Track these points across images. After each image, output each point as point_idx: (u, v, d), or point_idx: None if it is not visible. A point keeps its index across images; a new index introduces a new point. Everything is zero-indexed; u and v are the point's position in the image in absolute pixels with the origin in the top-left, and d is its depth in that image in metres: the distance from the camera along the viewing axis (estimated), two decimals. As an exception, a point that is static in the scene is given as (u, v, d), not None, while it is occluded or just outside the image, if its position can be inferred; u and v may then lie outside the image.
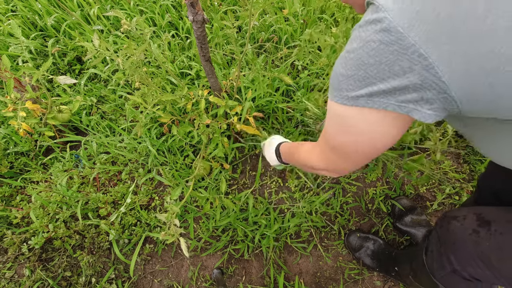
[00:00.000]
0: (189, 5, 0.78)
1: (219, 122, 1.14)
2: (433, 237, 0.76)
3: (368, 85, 0.43)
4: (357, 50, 0.42)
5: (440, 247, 0.71)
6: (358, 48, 0.42)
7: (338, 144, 0.55)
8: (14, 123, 1.14)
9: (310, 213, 1.23)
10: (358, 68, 0.43)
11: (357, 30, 0.43)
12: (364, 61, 0.41)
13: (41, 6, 1.76)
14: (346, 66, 0.44)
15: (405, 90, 0.40)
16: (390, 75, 0.40)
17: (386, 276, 1.13)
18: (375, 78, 0.41)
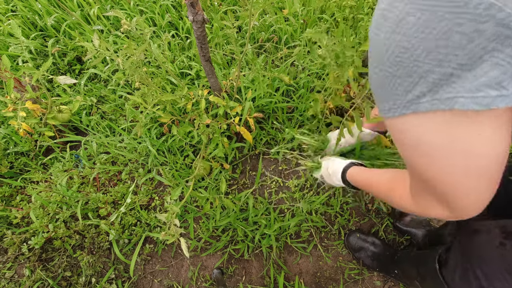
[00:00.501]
0: (189, 5, 0.78)
1: (219, 122, 1.14)
2: (454, 251, 0.73)
3: (421, 79, 0.31)
4: (389, 38, 0.31)
5: (464, 262, 0.66)
6: (390, 34, 0.31)
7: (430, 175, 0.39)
8: (14, 123, 1.14)
9: (310, 213, 1.23)
10: (399, 62, 0.31)
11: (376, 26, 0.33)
12: (404, 45, 0.30)
13: (41, 6, 1.76)
14: (383, 68, 0.34)
15: (478, 70, 0.28)
16: (449, 51, 0.28)
17: (386, 276, 1.13)
18: (428, 63, 0.30)
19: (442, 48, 0.28)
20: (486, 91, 0.29)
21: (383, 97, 0.36)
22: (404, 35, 0.30)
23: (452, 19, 0.27)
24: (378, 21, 0.32)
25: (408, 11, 0.29)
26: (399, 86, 0.33)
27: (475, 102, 0.29)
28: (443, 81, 0.30)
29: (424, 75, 0.30)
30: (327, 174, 0.92)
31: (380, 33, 0.32)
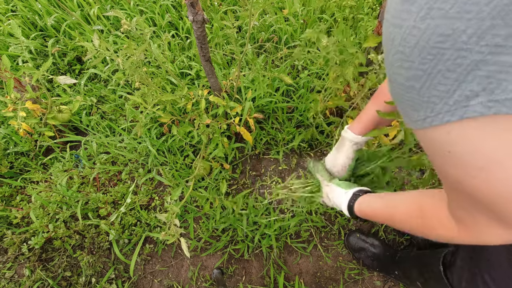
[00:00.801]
0: (189, 5, 0.78)
1: (219, 122, 1.14)
2: (462, 254, 0.72)
3: (470, 74, 0.23)
4: (420, 26, 0.24)
5: (472, 266, 0.64)
6: (419, 22, 0.24)
7: (488, 193, 0.30)
8: (14, 123, 1.14)
9: (310, 213, 1.23)
10: (437, 55, 0.24)
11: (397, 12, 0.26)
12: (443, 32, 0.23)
13: (41, 6, 1.76)
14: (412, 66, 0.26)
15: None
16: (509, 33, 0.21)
17: (386, 276, 1.13)
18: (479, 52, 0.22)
19: (500, 28, 0.21)
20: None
21: (414, 104, 0.28)
22: (442, 18, 0.22)
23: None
24: (400, 8, 0.25)
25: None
26: (438, 86, 0.25)
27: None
28: (503, 75, 0.22)
29: (474, 68, 0.23)
30: (330, 204, 0.80)
31: (404, 22, 0.25)
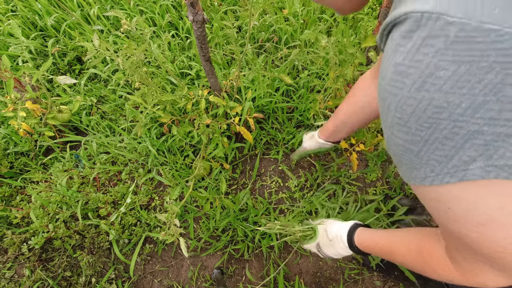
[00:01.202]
0: (189, 5, 0.78)
1: (219, 122, 1.14)
2: None
3: (467, 142, 0.25)
4: (416, 97, 0.25)
5: None
6: (415, 92, 0.25)
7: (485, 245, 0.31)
8: (14, 123, 1.14)
9: (310, 213, 1.23)
10: (433, 124, 0.25)
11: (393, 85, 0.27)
12: (438, 104, 0.24)
13: (41, 6, 1.76)
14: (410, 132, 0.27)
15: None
16: (503, 106, 0.22)
17: (386, 276, 1.13)
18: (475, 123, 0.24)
19: (493, 104, 0.22)
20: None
21: (414, 164, 0.29)
22: (437, 92, 0.24)
23: (503, 70, 0.21)
24: (395, 78, 0.26)
25: (438, 64, 0.23)
26: (436, 151, 0.26)
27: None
28: (498, 143, 0.24)
29: (471, 137, 0.24)
30: (327, 241, 0.76)
31: (399, 92, 0.26)
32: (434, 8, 0.23)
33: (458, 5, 0.22)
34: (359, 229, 0.69)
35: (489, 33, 0.21)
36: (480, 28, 0.21)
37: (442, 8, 0.22)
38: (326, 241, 0.76)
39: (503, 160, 0.24)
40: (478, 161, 0.25)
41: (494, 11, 0.21)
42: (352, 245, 0.69)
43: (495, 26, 0.21)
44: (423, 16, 0.23)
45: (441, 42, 0.23)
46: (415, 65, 0.25)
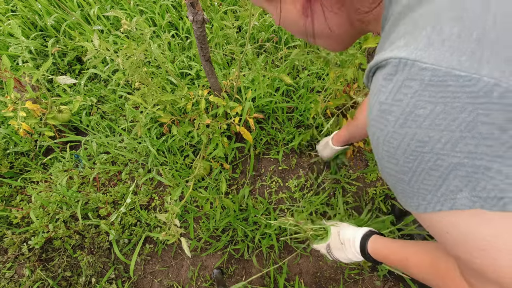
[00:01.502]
0: (189, 5, 0.78)
1: (219, 122, 1.14)
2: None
3: (451, 173, 0.27)
4: (399, 132, 0.28)
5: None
6: (398, 128, 0.28)
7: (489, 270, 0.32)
8: (14, 123, 1.14)
9: (310, 213, 1.23)
10: (418, 156, 0.27)
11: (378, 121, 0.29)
12: (421, 139, 0.27)
13: (41, 6, 1.76)
14: (398, 163, 0.29)
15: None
16: (479, 142, 0.24)
17: (386, 276, 1.13)
18: (455, 156, 0.26)
19: (469, 139, 0.25)
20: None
21: (407, 193, 0.31)
22: (418, 128, 0.26)
23: (474, 110, 0.24)
24: (380, 115, 0.29)
25: (416, 104, 0.26)
26: (425, 181, 0.28)
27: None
28: (478, 175, 0.26)
29: (454, 169, 0.26)
30: (338, 244, 0.76)
31: (385, 128, 0.29)
32: (409, 56, 0.26)
33: (429, 53, 0.25)
34: (373, 237, 0.68)
35: (458, 78, 0.24)
36: (450, 73, 0.24)
37: (416, 56, 0.25)
38: (338, 244, 0.76)
39: (485, 192, 0.26)
40: (464, 191, 0.27)
41: (461, 58, 0.24)
42: (364, 252, 0.69)
43: (464, 72, 0.23)
44: (400, 61, 0.26)
45: (417, 85, 0.25)
46: (397, 103, 0.27)
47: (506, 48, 0.23)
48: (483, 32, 0.23)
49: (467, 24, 0.24)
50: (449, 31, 0.24)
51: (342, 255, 0.75)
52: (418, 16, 0.27)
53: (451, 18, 0.25)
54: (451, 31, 0.24)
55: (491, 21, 0.23)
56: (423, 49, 0.25)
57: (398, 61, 0.26)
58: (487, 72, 0.23)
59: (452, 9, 0.25)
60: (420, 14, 0.27)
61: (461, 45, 0.24)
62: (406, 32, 0.27)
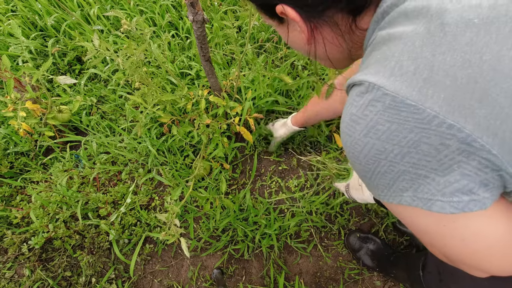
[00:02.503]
0: (189, 5, 0.78)
1: (219, 122, 1.14)
2: (431, 259, 0.72)
3: (400, 177, 0.34)
4: (363, 140, 0.34)
5: (439, 274, 0.67)
6: (362, 137, 0.34)
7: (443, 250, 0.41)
8: (14, 123, 1.14)
9: (310, 213, 1.23)
10: (376, 161, 0.34)
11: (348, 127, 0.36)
12: (378, 149, 0.33)
13: (41, 6, 1.76)
14: (361, 164, 0.36)
15: (449, 177, 0.31)
16: (421, 157, 0.31)
17: (386, 276, 1.13)
18: (403, 165, 0.33)
19: (414, 154, 0.31)
20: (460, 197, 0.32)
21: (371, 186, 0.38)
22: (377, 140, 0.33)
23: (420, 132, 0.30)
24: (350, 124, 0.35)
25: (378, 121, 0.32)
26: (381, 180, 0.36)
27: (452, 206, 0.32)
28: (420, 181, 0.33)
29: (402, 174, 0.33)
30: (356, 184, 0.85)
31: (352, 134, 0.35)
32: (377, 82, 0.32)
33: (391, 82, 0.31)
34: None
35: (409, 106, 0.30)
36: (404, 102, 0.30)
37: (382, 83, 0.32)
38: (356, 185, 0.87)
39: (422, 194, 0.33)
40: (409, 191, 0.34)
41: (413, 92, 0.30)
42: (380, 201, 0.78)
43: (413, 102, 0.30)
44: (370, 85, 0.33)
45: (380, 105, 0.32)
46: (363, 117, 0.33)
47: (444, 90, 0.29)
48: (430, 74, 0.30)
49: (420, 65, 0.30)
50: (407, 68, 0.31)
51: (359, 195, 0.86)
52: (387, 49, 0.34)
53: (410, 57, 0.31)
54: (408, 68, 0.31)
55: (437, 67, 0.30)
56: (387, 78, 0.32)
57: (368, 84, 0.33)
58: (429, 105, 0.29)
59: (411, 50, 0.31)
60: (389, 48, 0.33)
61: (413, 81, 0.30)
62: (378, 60, 0.34)
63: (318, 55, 0.48)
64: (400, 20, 0.34)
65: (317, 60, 0.50)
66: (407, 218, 0.39)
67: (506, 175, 0.31)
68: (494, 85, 0.28)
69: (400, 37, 0.33)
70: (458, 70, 0.29)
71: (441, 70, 0.29)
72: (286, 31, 0.46)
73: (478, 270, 0.40)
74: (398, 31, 0.33)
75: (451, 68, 0.29)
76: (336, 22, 0.41)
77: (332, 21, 0.41)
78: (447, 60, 0.29)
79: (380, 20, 0.37)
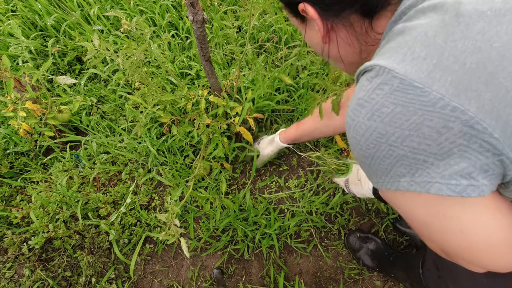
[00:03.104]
0: (189, 5, 0.78)
1: (219, 122, 1.14)
2: (429, 256, 0.73)
3: (398, 162, 0.34)
4: (366, 123, 0.35)
5: (437, 271, 0.68)
6: (366, 120, 0.35)
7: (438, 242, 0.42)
8: (14, 123, 1.14)
9: (310, 213, 1.23)
10: (376, 145, 0.35)
11: (354, 111, 0.36)
12: (380, 132, 0.34)
13: (41, 6, 1.76)
14: (362, 148, 0.37)
15: (449, 159, 0.31)
16: (421, 141, 0.32)
17: (386, 276, 1.13)
18: (402, 149, 0.33)
19: (414, 137, 0.32)
20: (458, 180, 0.32)
21: (370, 172, 0.39)
22: (380, 122, 0.34)
23: (423, 115, 0.31)
24: (356, 108, 0.36)
25: (383, 103, 0.33)
26: (380, 165, 0.36)
27: (449, 189, 0.33)
28: (419, 165, 0.33)
29: (400, 159, 0.34)
30: (355, 179, 0.87)
31: (356, 118, 0.36)
32: (387, 65, 0.33)
33: (401, 66, 0.32)
34: None
35: (416, 89, 0.31)
36: (412, 84, 0.31)
37: (393, 66, 0.33)
38: (355, 180, 0.88)
39: (420, 178, 0.34)
40: (406, 176, 0.35)
41: (421, 74, 0.31)
42: (375, 191, 0.79)
43: (420, 85, 0.31)
44: (381, 68, 0.34)
45: (388, 88, 0.33)
46: (370, 100, 0.34)
47: (452, 74, 0.30)
48: (440, 60, 0.31)
49: (431, 51, 0.31)
50: (418, 53, 0.32)
51: (358, 190, 0.87)
52: (402, 39, 0.35)
53: (422, 44, 0.32)
54: (420, 54, 0.32)
55: (447, 53, 0.30)
56: (398, 62, 0.33)
57: (379, 68, 0.34)
58: (436, 88, 0.30)
59: (424, 39, 0.32)
60: (404, 38, 0.35)
61: (423, 65, 0.31)
62: (391, 48, 0.35)
63: (331, 55, 0.50)
64: (417, 16, 0.35)
65: (330, 60, 0.52)
66: (404, 208, 0.39)
67: (507, 160, 0.31)
68: (502, 70, 0.29)
69: (414, 27, 0.34)
70: (468, 55, 0.29)
71: (452, 56, 0.30)
72: (305, 28, 0.48)
73: (476, 265, 0.40)
74: (413, 23, 0.34)
75: (462, 54, 0.30)
76: (352, 24, 0.43)
77: (348, 22, 0.43)
78: (458, 47, 0.30)
79: (398, 20, 0.38)
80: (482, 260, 0.39)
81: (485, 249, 0.37)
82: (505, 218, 0.36)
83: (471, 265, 0.41)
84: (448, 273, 0.64)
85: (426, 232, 0.41)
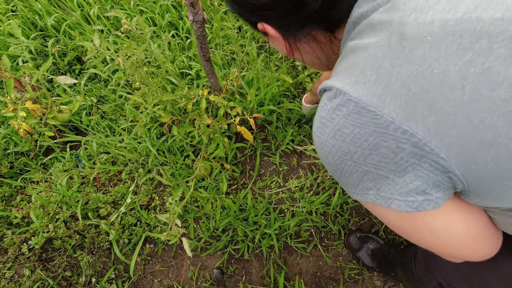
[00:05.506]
0: (189, 5, 0.78)
1: (219, 122, 1.14)
2: (420, 250, 0.75)
3: (364, 176, 0.37)
4: (330, 142, 0.37)
5: (425, 261, 0.70)
6: (330, 139, 0.37)
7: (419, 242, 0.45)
8: (14, 123, 1.14)
9: (310, 213, 1.23)
10: (343, 161, 0.37)
11: (318, 129, 0.38)
12: (344, 150, 0.36)
13: (41, 6, 1.76)
14: (330, 164, 0.39)
15: (406, 177, 0.34)
16: (380, 159, 0.34)
17: (386, 276, 1.13)
18: (366, 165, 0.36)
19: (374, 156, 0.34)
20: (415, 196, 0.35)
21: (342, 183, 0.41)
22: (343, 142, 0.36)
23: (378, 136, 0.33)
24: (319, 126, 0.38)
25: (343, 124, 0.35)
26: (349, 178, 0.39)
27: (407, 205, 0.36)
28: (382, 181, 0.36)
29: (365, 174, 0.36)
30: None
31: (322, 136, 0.38)
32: (343, 88, 0.35)
33: (354, 89, 0.34)
34: None
35: (370, 112, 0.33)
36: (365, 108, 0.33)
37: (347, 89, 0.34)
38: None
39: (383, 193, 0.37)
40: (373, 190, 0.38)
41: (373, 98, 0.33)
42: None
43: (373, 109, 0.33)
44: (337, 90, 0.35)
45: (345, 110, 0.35)
46: (331, 120, 0.36)
47: (400, 98, 0.32)
48: (388, 84, 0.32)
49: (380, 75, 0.33)
50: (369, 77, 0.34)
51: None
52: (354, 59, 0.36)
53: (372, 67, 0.34)
54: (370, 78, 0.33)
55: (394, 77, 0.32)
56: (352, 85, 0.34)
57: (336, 90, 0.36)
58: (387, 111, 0.32)
59: (374, 61, 0.34)
60: (355, 57, 0.36)
61: (374, 89, 0.33)
62: (346, 68, 0.37)
63: (301, 62, 0.53)
64: (367, 32, 0.37)
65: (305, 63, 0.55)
66: (378, 214, 0.42)
67: (454, 177, 0.33)
68: (442, 96, 0.30)
69: (365, 48, 0.36)
70: (412, 81, 0.31)
71: (398, 80, 0.32)
72: (272, 43, 0.52)
73: (455, 259, 0.45)
74: (364, 42, 0.36)
75: (407, 79, 0.32)
76: (314, 37, 0.45)
77: (310, 36, 0.45)
78: (403, 72, 0.32)
79: (351, 30, 0.40)
80: (457, 255, 0.43)
81: (457, 247, 0.41)
82: (467, 216, 0.39)
83: (450, 259, 0.45)
84: (433, 263, 0.68)
85: (403, 234, 0.44)
